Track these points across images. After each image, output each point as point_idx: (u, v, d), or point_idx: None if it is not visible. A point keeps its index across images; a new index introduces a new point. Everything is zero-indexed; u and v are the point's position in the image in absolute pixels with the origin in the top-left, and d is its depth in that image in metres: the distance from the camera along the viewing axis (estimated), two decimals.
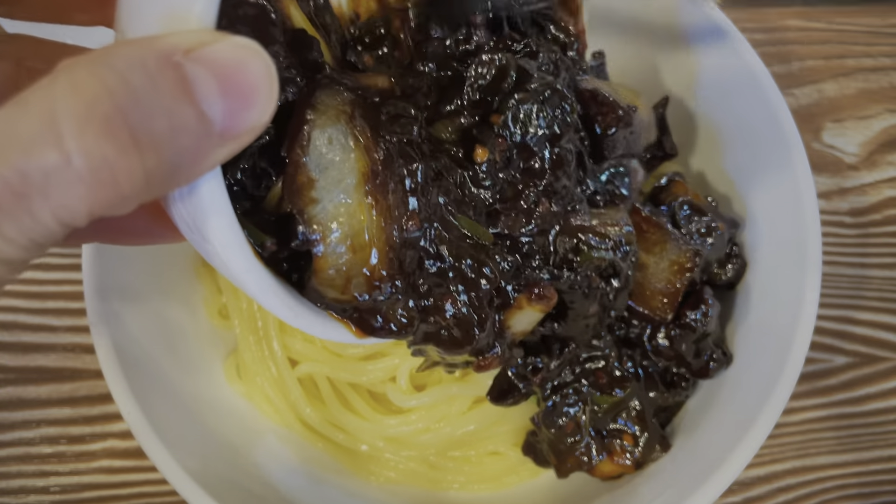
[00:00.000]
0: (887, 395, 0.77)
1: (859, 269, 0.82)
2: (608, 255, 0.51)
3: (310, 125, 0.37)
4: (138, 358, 0.58)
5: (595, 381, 0.58)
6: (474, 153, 0.46)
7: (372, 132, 0.39)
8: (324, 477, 0.65)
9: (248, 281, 0.35)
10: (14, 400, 0.71)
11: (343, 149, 0.37)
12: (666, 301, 0.57)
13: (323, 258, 0.38)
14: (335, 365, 0.65)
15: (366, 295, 0.39)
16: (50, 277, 0.75)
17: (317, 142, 0.37)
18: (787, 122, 0.60)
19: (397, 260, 0.40)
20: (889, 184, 0.87)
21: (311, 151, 0.37)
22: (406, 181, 0.40)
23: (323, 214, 0.37)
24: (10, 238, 0.26)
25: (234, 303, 0.68)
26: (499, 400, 0.58)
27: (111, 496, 0.69)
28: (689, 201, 0.62)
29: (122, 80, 0.25)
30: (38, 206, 0.25)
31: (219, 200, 0.31)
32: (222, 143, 0.28)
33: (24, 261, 0.27)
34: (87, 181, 0.25)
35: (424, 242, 0.42)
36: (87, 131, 0.24)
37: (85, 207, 0.26)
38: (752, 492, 0.73)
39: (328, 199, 0.37)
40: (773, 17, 0.94)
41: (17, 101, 0.25)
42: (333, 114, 0.38)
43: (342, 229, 0.37)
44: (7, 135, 0.24)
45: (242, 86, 0.27)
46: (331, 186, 0.37)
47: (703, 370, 0.59)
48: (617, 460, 0.58)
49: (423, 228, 0.41)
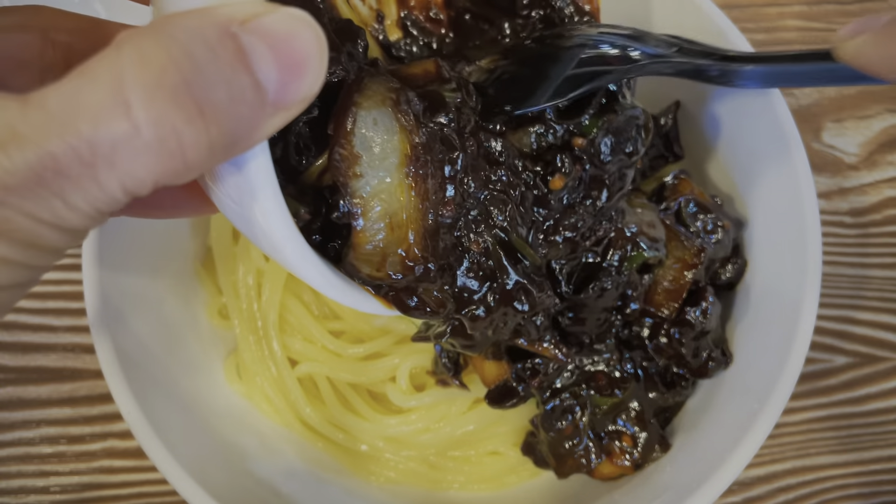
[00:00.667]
0: (887, 395, 0.77)
1: (859, 269, 0.82)
2: (657, 254, 0.54)
3: (357, 106, 0.39)
4: (138, 358, 0.58)
5: (594, 382, 0.58)
6: (551, 181, 0.48)
7: (415, 118, 0.40)
8: (324, 477, 0.65)
9: (287, 249, 0.36)
10: (14, 400, 0.71)
11: (387, 130, 0.39)
12: (670, 297, 0.57)
13: (362, 233, 0.39)
14: (335, 365, 0.66)
15: (400, 275, 0.41)
16: (50, 277, 0.75)
17: (363, 122, 0.39)
18: (787, 122, 0.60)
19: (432, 243, 0.41)
20: (889, 184, 0.87)
21: (358, 130, 0.39)
22: (446, 168, 0.42)
23: (365, 189, 0.39)
24: (76, 207, 0.26)
25: (234, 303, 0.68)
26: (496, 403, 0.58)
27: (111, 496, 0.69)
28: (695, 199, 0.62)
29: (185, 50, 0.25)
30: (105, 176, 0.25)
31: (265, 170, 0.32)
32: (275, 112, 0.28)
33: (88, 229, 0.28)
34: (156, 150, 0.25)
35: (463, 234, 0.44)
36: (155, 101, 0.25)
37: (151, 177, 0.26)
38: (751, 492, 0.73)
39: (371, 175, 0.39)
40: (773, 17, 0.94)
41: (81, 71, 0.25)
42: (379, 98, 0.40)
43: (382, 206, 0.39)
44: (74, 104, 0.25)
45: (295, 56, 0.27)
46: (374, 163, 0.39)
47: (702, 369, 0.59)
48: (616, 462, 0.58)
49: (461, 215, 0.43)
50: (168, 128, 0.25)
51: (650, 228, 0.56)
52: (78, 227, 0.27)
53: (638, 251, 0.54)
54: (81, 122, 0.24)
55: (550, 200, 0.48)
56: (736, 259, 0.63)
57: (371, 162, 0.39)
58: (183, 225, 0.69)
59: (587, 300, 0.55)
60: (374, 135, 0.39)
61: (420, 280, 0.42)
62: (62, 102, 0.25)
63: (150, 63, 0.25)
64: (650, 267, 0.57)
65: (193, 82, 0.25)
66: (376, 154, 0.39)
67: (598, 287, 0.54)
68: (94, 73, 0.25)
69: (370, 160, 0.39)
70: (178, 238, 0.68)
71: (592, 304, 0.55)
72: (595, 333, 0.58)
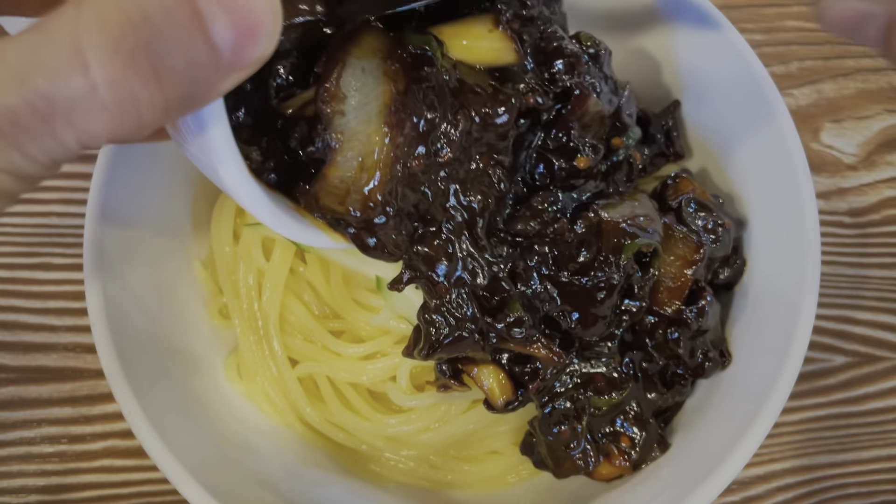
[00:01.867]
0: (886, 395, 0.77)
1: (858, 269, 0.82)
2: (651, 240, 0.55)
3: (348, 54, 0.43)
4: (139, 357, 0.58)
5: (593, 384, 0.58)
6: (577, 160, 0.54)
7: (403, 74, 0.44)
8: (324, 476, 0.65)
9: (241, 192, 0.40)
10: (15, 399, 0.71)
11: (374, 78, 0.44)
12: (672, 295, 0.57)
13: (334, 166, 0.44)
14: (335, 364, 0.66)
15: (358, 212, 0.45)
16: (51, 277, 0.75)
17: (353, 67, 0.43)
18: (785, 123, 0.60)
19: (395, 192, 0.45)
20: (888, 184, 0.87)
21: (346, 73, 0.43)
22: (420, 124, 0.45)
23: (345, 127, 0.43)
24: (32, 156, 0.27)
25: (235, 302, 0.68)
26: (494, 407, 0.58)
27: (112, 495, 0.69)
28: (696, 198, 0.62)
29: (143, 13, 0.26)
30: (61, 129, 0.27)
31: (218, 121, 0.35)
32: (229, 74, 0.29)
33: (43, 177, 0.29)
34: (112, 110, 0.27)
35: (429, 190, 0.48)
36: (114, 64, 0.26)
37: (106, 134, 0.27)
38: (750, 491, 0.73)
39: (352, 116, 0.43)
40: (772, 18, 0.94)
41: (38, 28, 0.26)
42: (370, 50, 0.44)
43: (358, 145, 0.43)
44: (32, 61, 0.26)
45: (250, 20, 0.28)
46: (358, 106, 0.43)
47: (699, 369, 0.59)
48: (615, 462, 0.58)
49: (429, 176, 0.47)
50: (125, 90, 0.26)
51: (644, 218, 0.56)
52: (33, 175, 0.29)
53: (632, 240, 0.54)
54: (40, 79, 0.25)
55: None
56: (735, 259, 0.63)
57: (355, 104, 0.43)
58: (183, 224, 0.69)
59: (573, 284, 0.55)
60: (362, 80, 0.43)
61: (375, 221, 0.45)
62: (21, 58, 0.26)
63: (109, 25, 0.26)
64: (650, 261, 0.56)
65: (151, 46, 0.26)
66: (359, 99, 0.43)
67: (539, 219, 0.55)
68: (52, 31, 0.26)
69: (354, 102, 0.43)
70: (179, 237, 0.69)
71: (596, 305, 0.55)
72: (602, 335, 0.57)
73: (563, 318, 0.55)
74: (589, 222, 0.54)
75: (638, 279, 0.55)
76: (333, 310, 0.68)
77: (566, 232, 0.54)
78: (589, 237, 0.54)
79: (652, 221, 0.57)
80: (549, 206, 0.54)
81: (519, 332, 0.52)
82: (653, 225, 0.56)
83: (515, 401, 0.57)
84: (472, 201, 0.50)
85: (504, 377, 0.56)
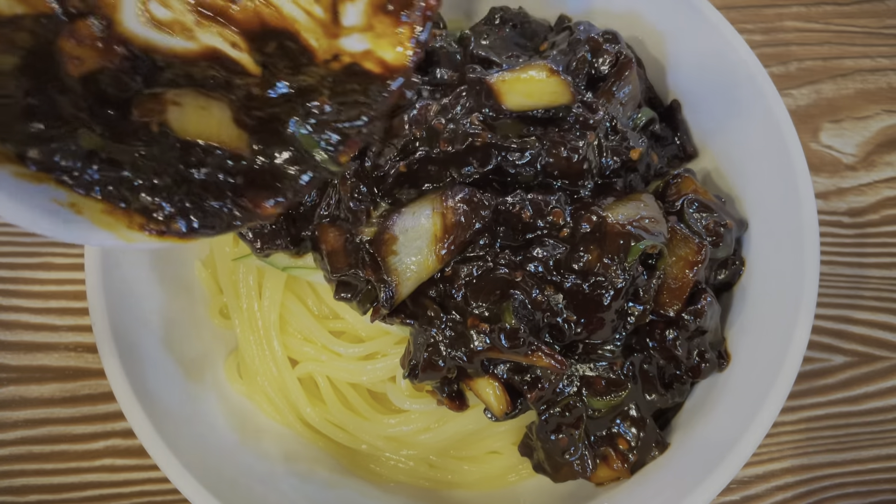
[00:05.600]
0: (885, 395, 0.78)
1: (857, 269, 0.82)
2: (655, 241, 0.54)
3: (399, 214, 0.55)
4: (140, 357, 0.58)
5: (593, 387, 0.58)
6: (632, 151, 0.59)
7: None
8: (324, 475, 0.65)
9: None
10: (17, 399, 0.71)
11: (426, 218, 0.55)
12: (673, 296, 0.57)
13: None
14: (335, 364, 0.66)
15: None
16: (52, 277, 0.76)
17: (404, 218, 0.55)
18: (785, 123, 0.61)
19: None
20: (887, 184, 0.87)
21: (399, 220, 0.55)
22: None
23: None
24: None
25: (235, 302, 0.68)
26: (495, 416, 0.58)
27: (113, 494, 0.69)
28: (698, 199, 0.61)
29: None
30: None
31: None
32: None
33: None
34: None
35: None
36: None
37: None
38: (750, 490, 0.73)
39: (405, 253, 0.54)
40: (772, 18, 0.94)
41: None
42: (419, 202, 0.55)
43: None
44: None
45: None
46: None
47: (696, 370, 0.59)
48: (613, 465, 0.58)
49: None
50: None
51: (649, 220, 0.56)
52: None
53: (635, 242, 0.54)
54: None
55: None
56: (734, 259, 0.63)
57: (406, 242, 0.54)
58: None
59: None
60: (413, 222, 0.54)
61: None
62: None
63: None
64: (655, 263, 0.56)
65: None
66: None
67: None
68: None
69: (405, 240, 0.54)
70: None
71: (604, 309, 0.55)
72: (607, 338, 0.57)
73: (567, 326, 0.55)
74: (592, 223, 0.54)
75: (643, 282, 0.55)
76: (333, 310, 0.68)
77: (564, 227, 0.55)
78: (592, 238, 0.54)
79: (657, 223, 0.56)
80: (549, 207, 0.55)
81: (509, 342, 0.52)
82: (658, 227, 0.56)
83: (514, 410, 0.57)
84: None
85: (500, 389, 0.56)
